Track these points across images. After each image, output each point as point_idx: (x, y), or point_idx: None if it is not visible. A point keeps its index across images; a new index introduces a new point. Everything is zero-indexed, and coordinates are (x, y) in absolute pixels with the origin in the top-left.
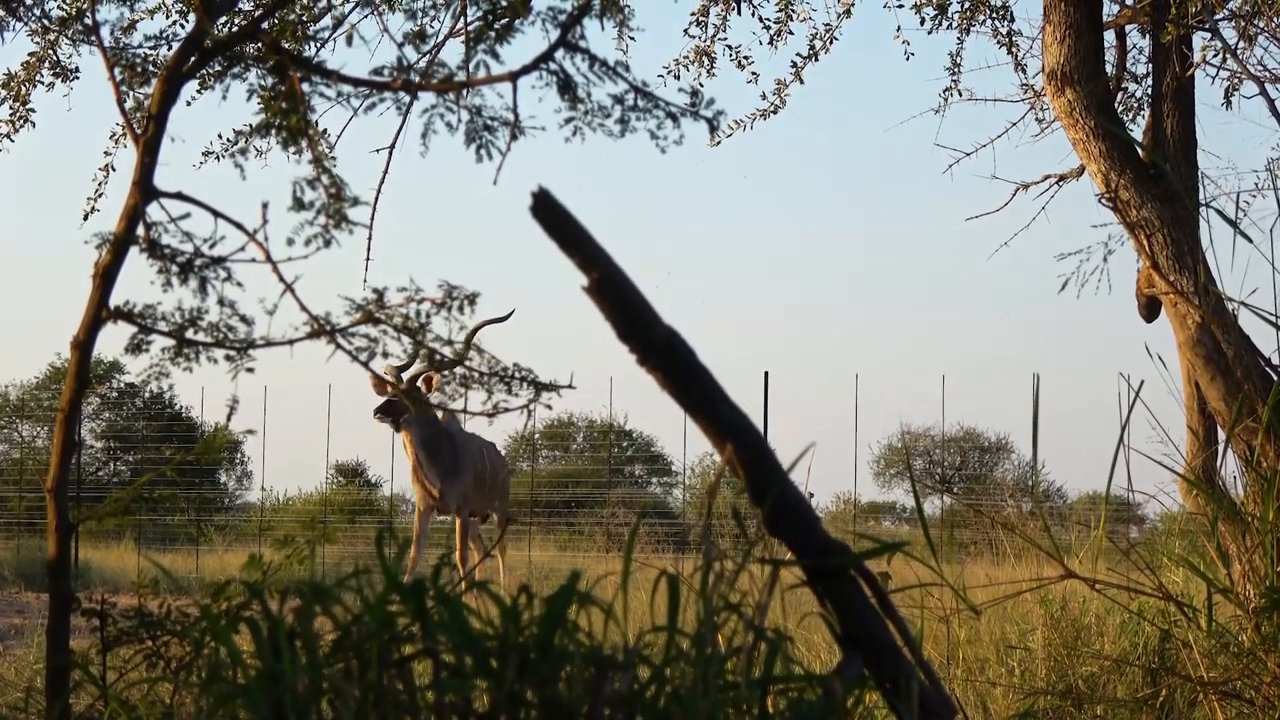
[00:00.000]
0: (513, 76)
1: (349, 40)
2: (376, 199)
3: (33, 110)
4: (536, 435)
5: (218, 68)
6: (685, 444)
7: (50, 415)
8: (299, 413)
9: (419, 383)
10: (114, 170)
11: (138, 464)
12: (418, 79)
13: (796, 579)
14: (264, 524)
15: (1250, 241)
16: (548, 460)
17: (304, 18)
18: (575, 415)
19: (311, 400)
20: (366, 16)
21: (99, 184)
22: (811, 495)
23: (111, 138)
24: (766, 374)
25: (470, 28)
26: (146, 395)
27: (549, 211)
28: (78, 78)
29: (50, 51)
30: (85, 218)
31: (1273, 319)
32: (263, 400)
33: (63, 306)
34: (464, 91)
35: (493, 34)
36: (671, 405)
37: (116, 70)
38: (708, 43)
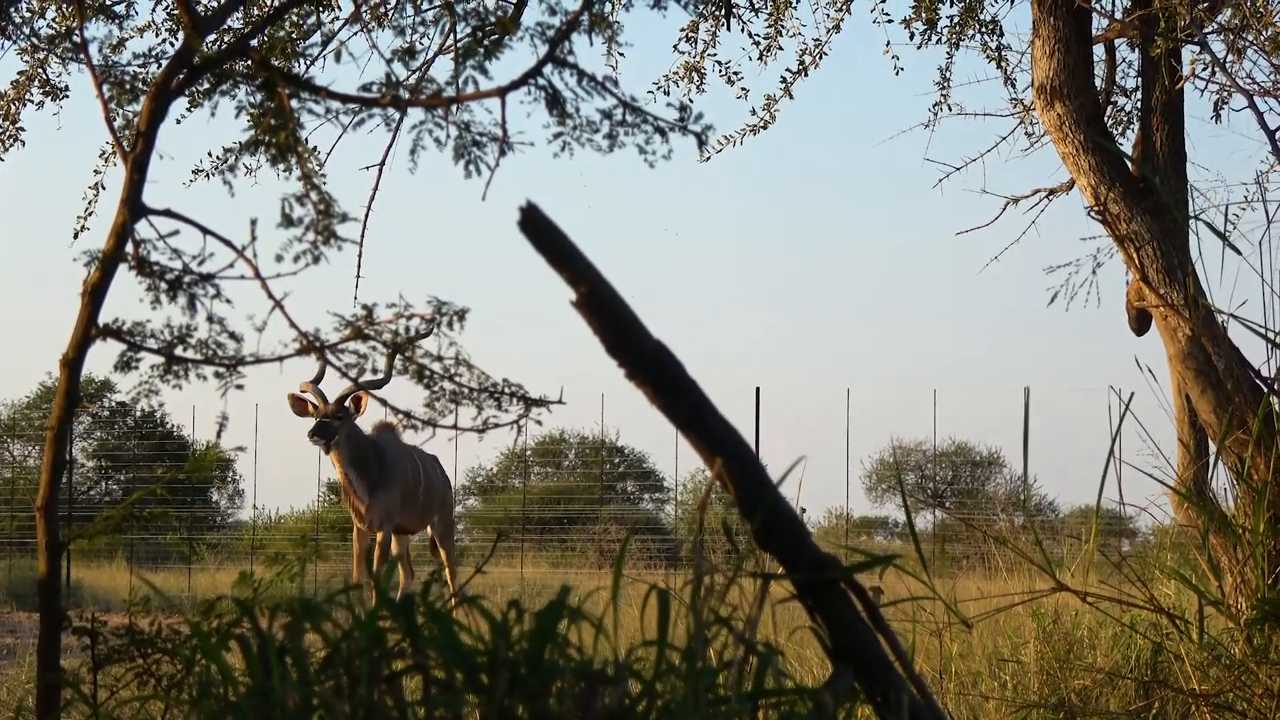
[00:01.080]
0: (501, 92)
1: (338, 57)
2: (366, 216)
3: (22, 129)
4: (528, 452)
5: (206, 85)
6: (677, 460)
7: (41, 434)
8: (290, 430)
9: (348, 402)
10: (104, 188)
11: (129, 483)
12: (406, 95)
13: (787, 593)
14: (256, 542)
15: (1239, 254)
16: (539, 477)
17: (293, 35)
18: (567, 432)
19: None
20: (356, 34)
21: (89, 202)
22: (804, 510)
23: (101, 156)
24: (758, 389)
25: (459, 44)
26: (137, 414)
27: (537, 226)
28: (67, 96)
29: (40, 70)
30: (75, 236)
31: (1262, 331)
32: (254, 418)
33: (53, 325)
34: (453, 107)
35: (481, 50)
36: (662, 421)
37: (105, 88)
38: (697, 59)
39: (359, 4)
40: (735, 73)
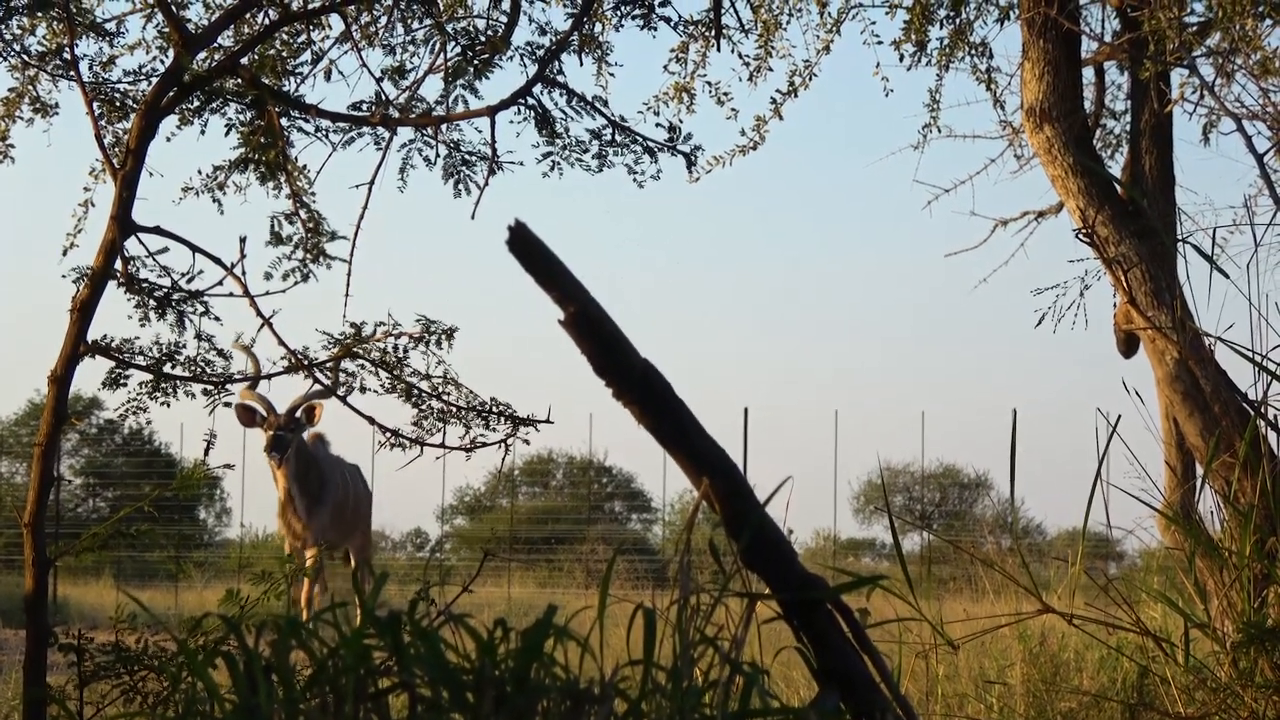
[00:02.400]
0: (491, 111)
1: (328, 76)
2: (356, 234)
3: (12, 146)
4: (516, 471)
5: (197, 103)
6: (665, 480)
7: (28, 451)
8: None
9: (299, 413)
10: (93, 205)
11: (116, 500)
12: (396, 114)
13: (773, 613)
14: (243, 560)
15: (1227, 277)
16: (527, 496)
17: (283, 53)
18: (555, 451)
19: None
20: (346, 53)
21: (78, 219)
22: (791, 531)
23: (91, 173)
24: (746, 410)
25: (449, 63)
26: (125, 431)
27: (525, 245)
28: (57, 114)
29: (30, 87)
30: (64, 253)
31: (1249, 354)
32: (241, 436)
33: (42, 342)
34: (442, 126)
35: (471, 69)
36: (651, 441)
37: (95, 105)
38: (687, 79)
39: (349, 23)
40: (725, 93)
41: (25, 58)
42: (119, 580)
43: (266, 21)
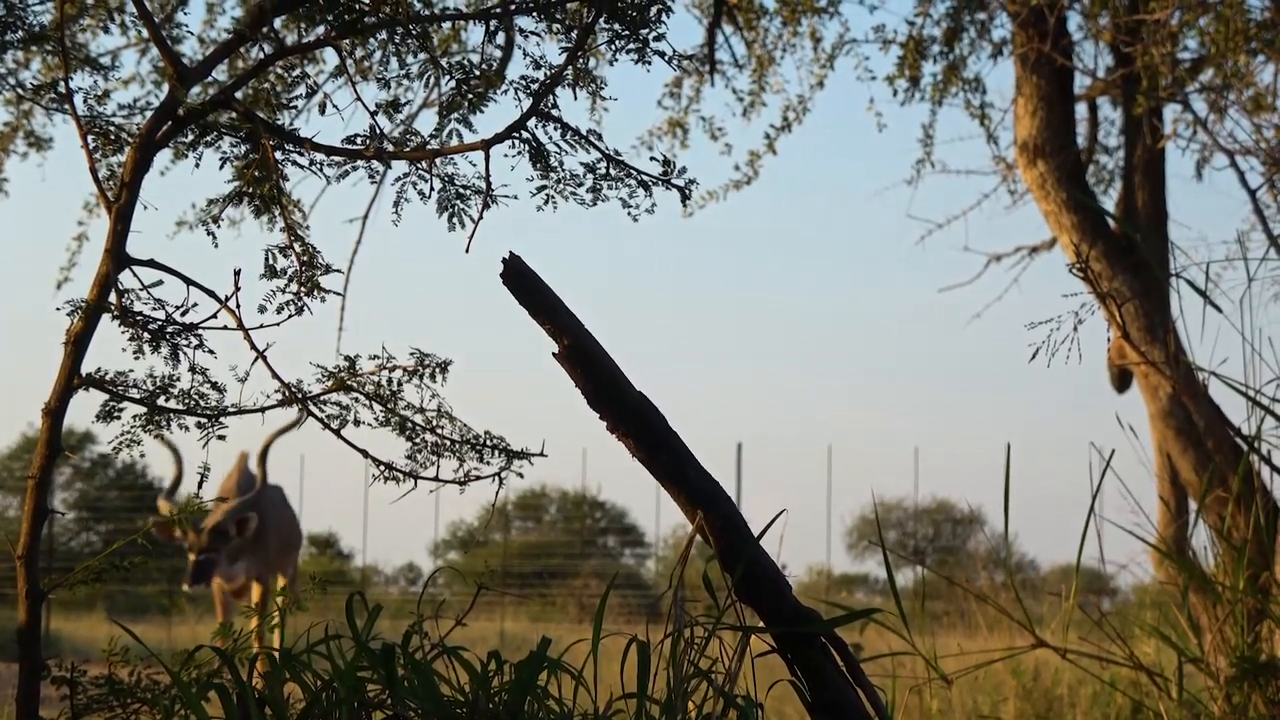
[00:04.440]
0: (485, 145)
1: (322, 109)
2: (350, 267)
3: (6, 180)
4: (509, 506)
5: (191, 136)
6: (658, 515)
7: (21, 485)
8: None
9: (231, 526)
10: (87, 239)
11: (109, 534)
12: (391, 148)
13: (767, 646)
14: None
15: (1220, 311)
16: (520, 531)
17: (277, 87)
18: (548, 486)
19: (284, 471)
20: (341, 87)
21: (72, 253)
22: (785, 566)
23: (85, 207)
24: (740, 445)
25: (443, 97)
26: (119, 465)
27: (520, 278)
28: (51, 147)
29: (24, 121)
30: (58, 286)
31: (1243, 389)
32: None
33: (35, 376)
34: (436, 160)
35: (466, 103)
36: (644, 476)
37: (90, 138)
38: (681, 114)
39: (344, 57)
40: (719, 129)
41: (20, 91)
42: (111, 614)
43: (261, 56)
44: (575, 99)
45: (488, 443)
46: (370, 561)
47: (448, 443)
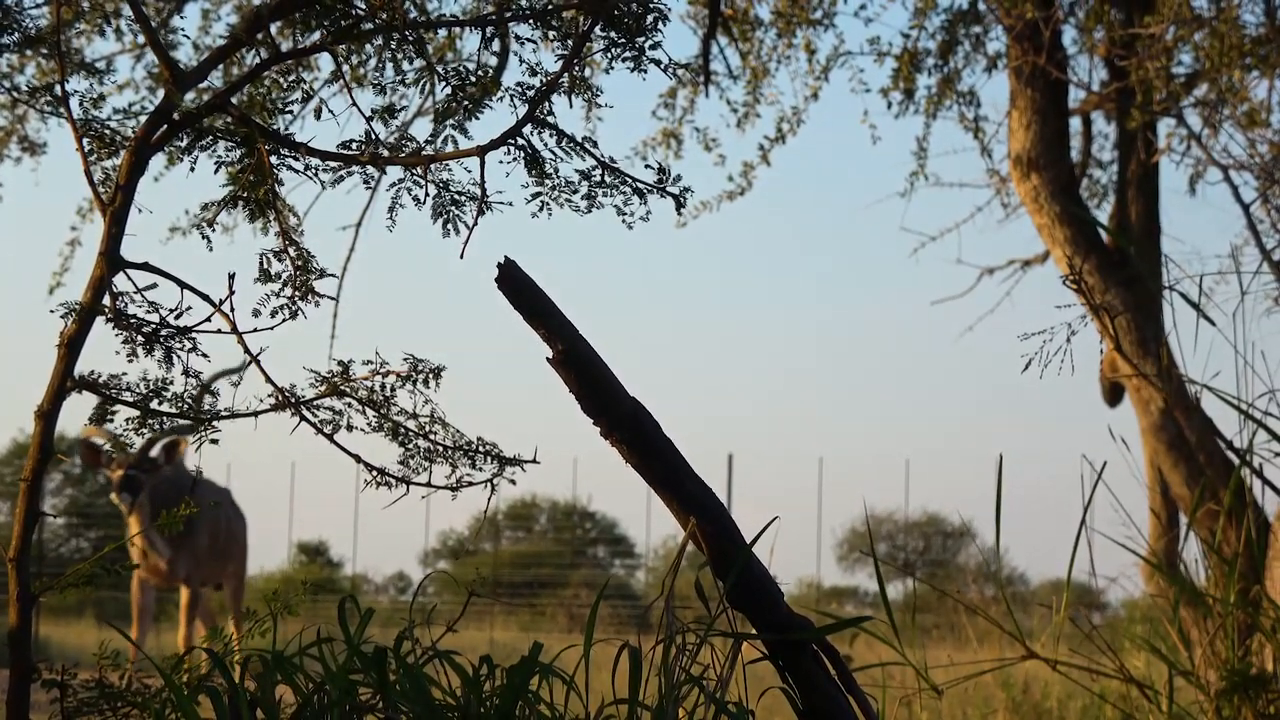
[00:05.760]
0: (481, 151)
1: (318, 114)
2: (344, 272)
3: (0, 184)
4: (500, 515)
5: (186, 140)
6: (649, 526)
7: (12, 490)
8: (261, 490)
9: (159, 449)
10: (80, 244)
11: (99, 540)
12: (386, 153)
13: (759, 653)
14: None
15: (1214, 325)
16: (510, 540)
17: (272, 92)
18: (538, 496)
19: (274, 478)
20: (337, 93)
21: (65, 258)
22: (775, 577)
23: (78, 212)
24: (730, 456)
25: (438, 103)
26: None
27: (514, 283)
28: (45, 152)
29: (19, 126)
30: (51, 291)
31: (1235, 402)
32: (225, 477)
33: (26, 379)
34: (431, 166)
35: (461, 109)
36: (635, 487)
37: (85, 141)
38: (675, 125)
39: (340, 62)
40: (713, 139)
41: (15, 95)
42: (101, 620)
43: (257, 61)
44: (571, 106)
45: (480, 449)
46: (360, 570)
47: (440, 448)
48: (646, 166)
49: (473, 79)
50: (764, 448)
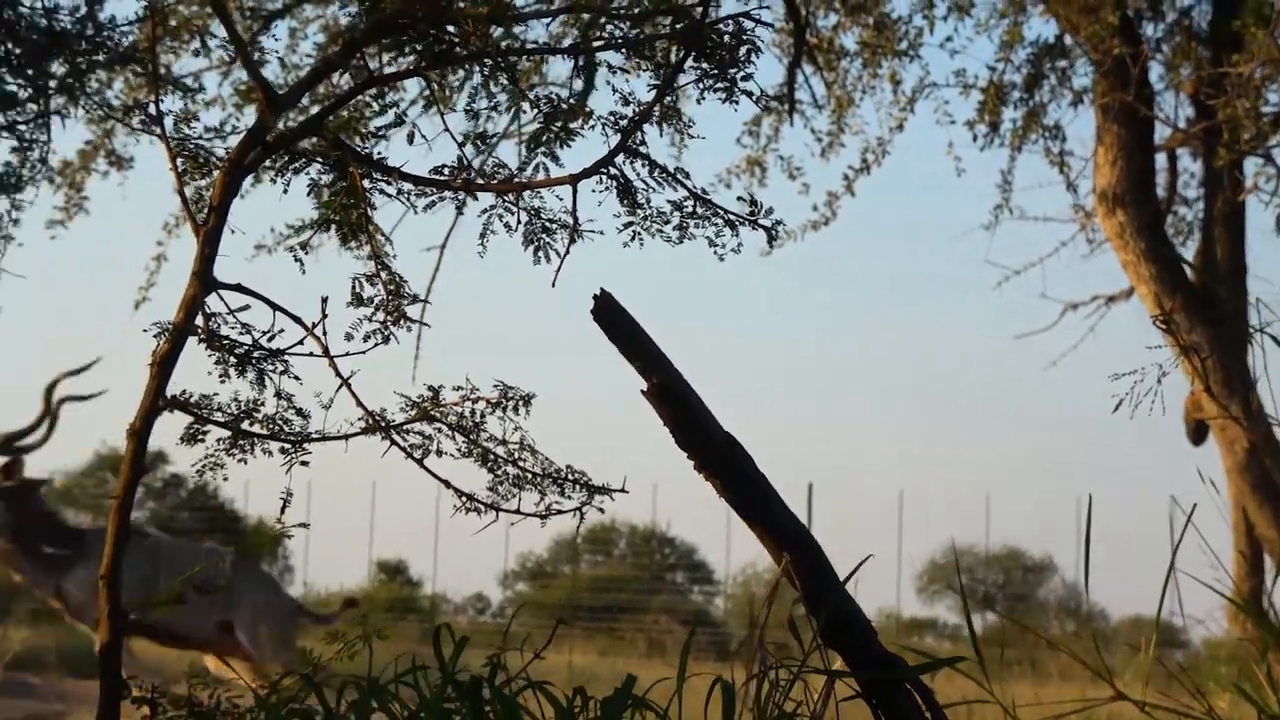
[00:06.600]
0: (573, 179)
1: (410, 139)
2: (427, 296)
3: (86, 198)
4: (579, 539)
5: (280, 161)
6: (729, 553)
7: (95, 502)
8: (342, 509)
9: None
10: (166, 260)
11: None
12: (479, 179)
13: (851, 690)
14: None
15: None
16: (589, 564)
17: (364, 114)
18: (617, 520)
19: (355, 498)
20: (425, 116)
21: (150, 273)
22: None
23: (164, 228)
24: (810, 485)
25: (528, 130)
26: (190, 486)
27: (610, 315)
28: (132, 167)
29: (105, 141)
30: (136, 307)
31: None
32: (306, 496)
33: (109, 395)
34: (523, 193)
35: (553, 137)
36: (715, 513)
37: (179, 160)
38: (760, 152)
39: (433, 87)
40: (797, 168)
41: (106, 111)
42: None
43: (349, 84)
44: (661, 135)
45: (569, 477)
46: (439, 589)
47: (529, 475)
48: (739, 198)
49: (564, 106)
50: (843, 478)
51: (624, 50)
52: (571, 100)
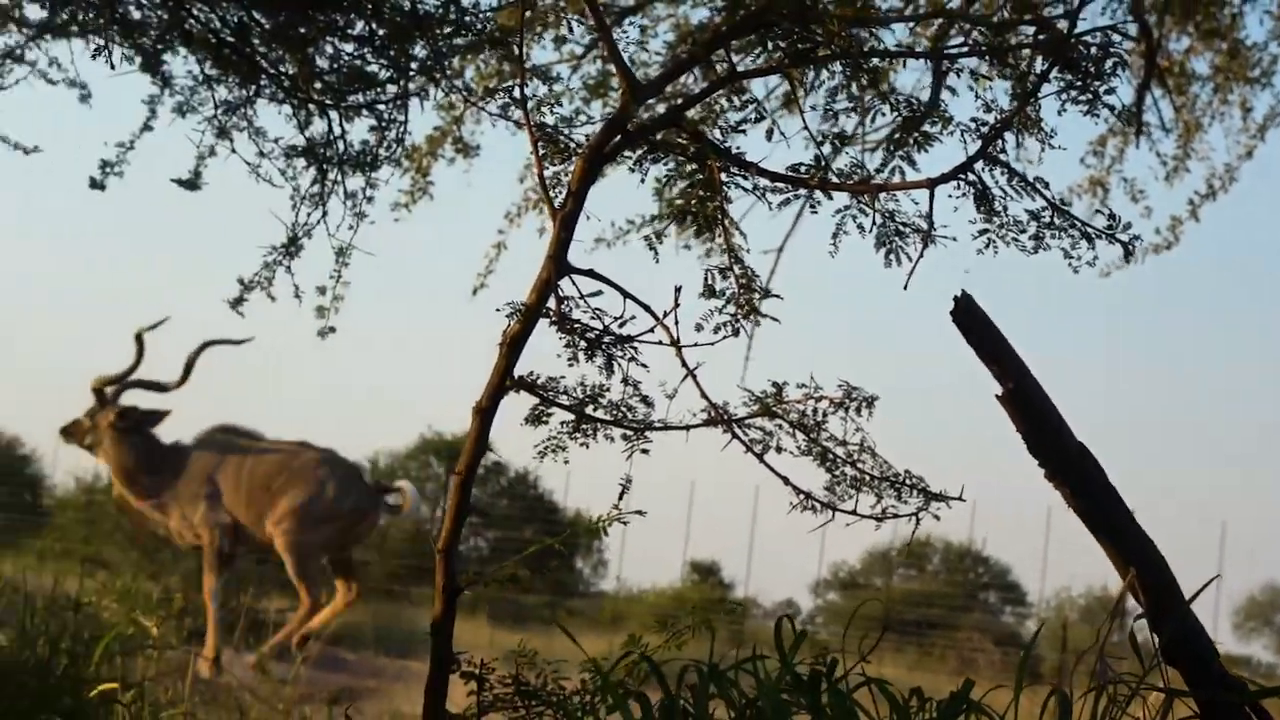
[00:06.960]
0: (931, 184)
1: (769, 135)
2: (764, 295)
3: (432, 183)
4: (893, 552)
5: (638, 151)
6: (1044, 576)
7: (418, 482)
8: (659, 508)
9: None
10: (505, 248)
11: (496, 541)
12: (836, 179)
13: (1189, 710)
14: (616, 613)
15: None
16: (902, 578)
17: (721, 109)
18: (932, 536)
19: (673, 497)
20: (779, 113)
21: (490, 259)
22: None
23: (506, 216)
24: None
25: (872, 134)
26: (511, 474)
27: (970, 318)
28: (478, 155)
29: (453, 128)
30: (474, 291)
31: None
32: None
33: (433, 382)
34: (880, 195)
35: (913, 141)
36: (1031, 534)
37: (541, 146)
38: (1103, 172)
39: (795, 85)
40: (1140, 190)
41: (466, 94)
42: (492, 619)
43: (704, 78)
44: (1019, 145)
45: (907, 481)
46: (751, 593)
47: (868, 478)
48: (1097, 211)
49: (922, 110)
50: (1162, 507)
51: (986, 57)
52: (932, 105)
